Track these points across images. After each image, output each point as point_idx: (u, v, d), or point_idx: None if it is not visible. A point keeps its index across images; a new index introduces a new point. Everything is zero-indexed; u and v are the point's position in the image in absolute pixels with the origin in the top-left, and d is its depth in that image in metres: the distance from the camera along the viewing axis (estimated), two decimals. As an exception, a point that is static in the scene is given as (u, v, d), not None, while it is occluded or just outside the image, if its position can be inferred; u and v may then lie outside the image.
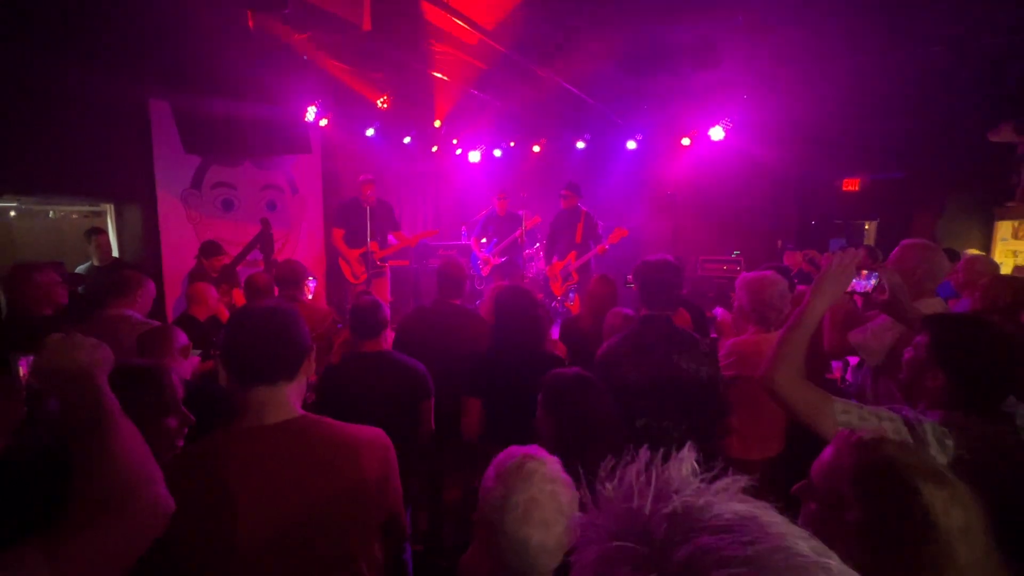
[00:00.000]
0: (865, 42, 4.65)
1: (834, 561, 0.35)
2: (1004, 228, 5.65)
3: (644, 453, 0.42)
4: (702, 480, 0.40)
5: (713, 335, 3.27)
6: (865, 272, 1.64)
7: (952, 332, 1.38)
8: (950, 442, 1.26)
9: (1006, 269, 5.00)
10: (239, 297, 3.99)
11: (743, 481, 0.40)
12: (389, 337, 2.85)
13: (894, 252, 2.34)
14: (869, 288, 1.65)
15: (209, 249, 4.52)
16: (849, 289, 1.57)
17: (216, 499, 1.06)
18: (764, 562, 0.33)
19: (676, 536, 0.35)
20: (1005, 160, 5.64)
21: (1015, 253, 5.40)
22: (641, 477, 0.39)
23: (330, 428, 1.22)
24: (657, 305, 2.12)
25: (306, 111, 5.86)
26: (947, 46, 4.52)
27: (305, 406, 1.26)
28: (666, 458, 0.42)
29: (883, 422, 1.31)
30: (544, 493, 1.02)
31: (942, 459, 1.23)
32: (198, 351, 2.99)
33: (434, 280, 2.91)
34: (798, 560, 0.33)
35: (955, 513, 0.83)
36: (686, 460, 0.40)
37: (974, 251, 5.25)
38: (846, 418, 1.34)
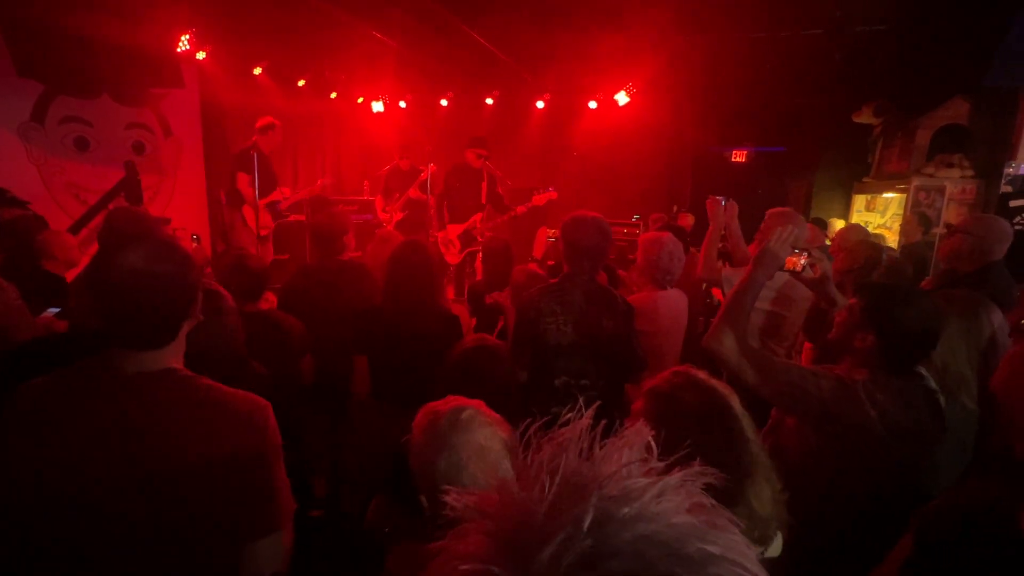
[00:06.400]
0: (755, 20, 4.91)
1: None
2: (859, 201, 6.41)
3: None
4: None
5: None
6: (798, 251, 1.82)
7: (885, 299, 1.50)
8: (880, 396, 1.40)
9: (859, 238, 5.68)
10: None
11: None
12: (272, 299, 2.65)
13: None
14: (799, 266, 1.85)
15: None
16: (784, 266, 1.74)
17: (54, 450, 0.96)
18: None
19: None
20: (864, 140, 6.34)
21: (866, 223, 6.13)
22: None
23: (206, 390, 1.07)
24: (582, 270, 2.03)
25: (178, 40, 5.13)
26: (824, 29, 4.90)
27: None
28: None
29: (820, 380, 1.44)
30: (488, 438, 1.01)
31: (872, 412, 1.39)
32: (57, 309, 2.60)
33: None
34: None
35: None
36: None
37: (841, 221, 5.95)
38: (787, 377, 1.45)
